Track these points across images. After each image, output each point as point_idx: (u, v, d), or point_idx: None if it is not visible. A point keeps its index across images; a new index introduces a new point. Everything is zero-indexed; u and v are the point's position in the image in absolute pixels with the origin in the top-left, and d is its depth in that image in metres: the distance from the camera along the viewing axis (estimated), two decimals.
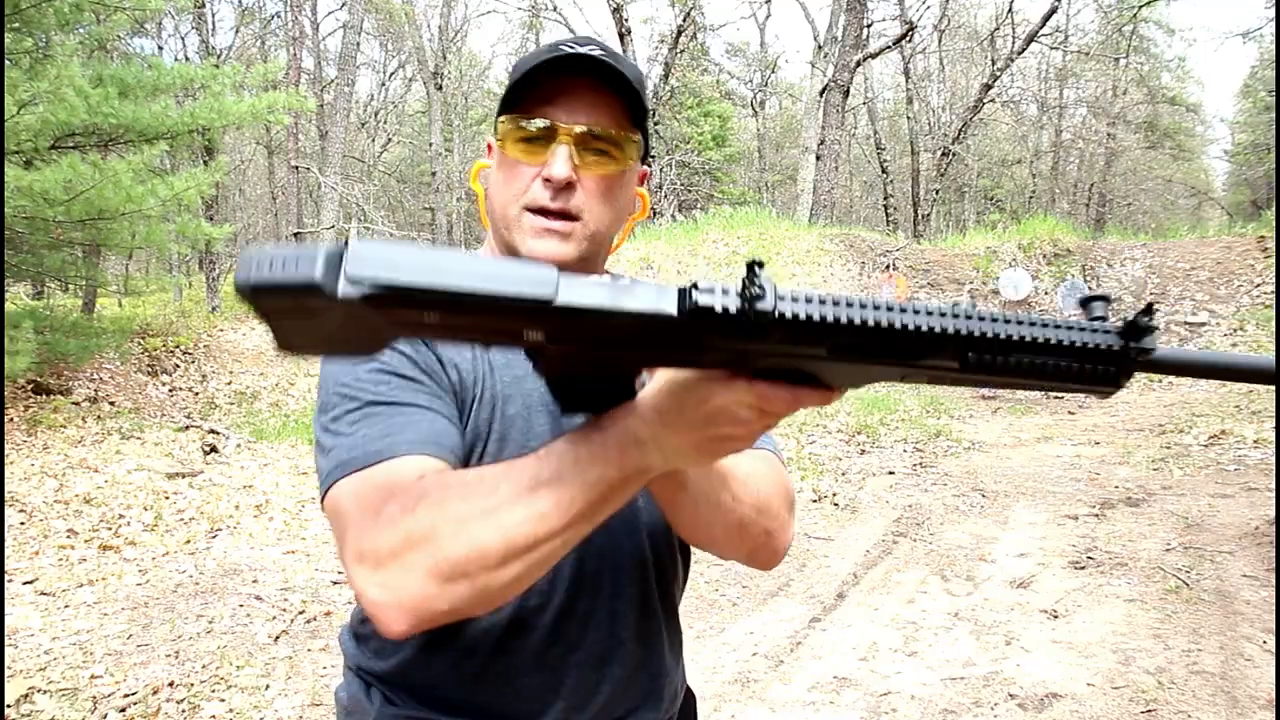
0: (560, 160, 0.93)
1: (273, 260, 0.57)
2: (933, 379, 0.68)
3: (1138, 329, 0.66)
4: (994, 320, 0.65)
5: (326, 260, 0.56)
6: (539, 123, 0.95)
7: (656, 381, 0.71)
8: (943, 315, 0.65)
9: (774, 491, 0.96)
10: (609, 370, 0.71)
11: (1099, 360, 0.67)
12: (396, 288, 0.57)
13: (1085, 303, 0.68)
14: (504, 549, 0.72)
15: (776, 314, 0.61)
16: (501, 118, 0.98)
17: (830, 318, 0.63)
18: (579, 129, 0.94)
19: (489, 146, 1.03)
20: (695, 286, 0.61)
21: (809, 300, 0.62)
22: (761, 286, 0.60)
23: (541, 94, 0.95)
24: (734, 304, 0.61)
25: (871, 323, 0.63)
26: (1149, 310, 0.66)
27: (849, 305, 0.63)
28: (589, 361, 0.68)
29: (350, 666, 1.06)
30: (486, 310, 0.61)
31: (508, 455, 0.93)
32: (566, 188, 0.95)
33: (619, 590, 1.02)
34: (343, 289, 0.56)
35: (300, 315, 0.59)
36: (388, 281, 0.57)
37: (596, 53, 0.93)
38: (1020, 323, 0.66)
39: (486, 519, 0.72)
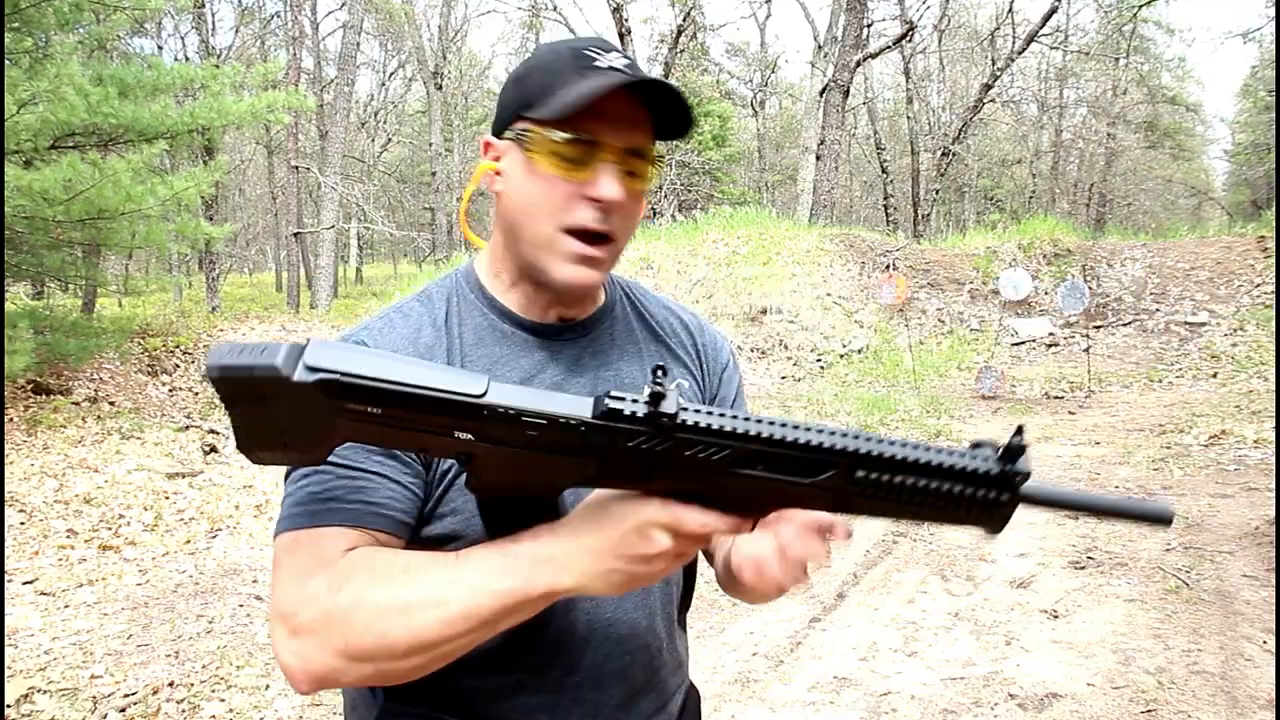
0: (613, 182, 0.91)
1: (242, 350, 0.65)
2: (824, 505, 0.74)
3: (1012, 451, 0.72)
4: (880, 441, 0.72)
5: (288, 352, 0.65)
6: (584, 138, 0.90)
7: (579, 505, 0.78)
8: (833, 434, 0.72)
9: None
10: (533, 491, 0.77)
11: (980, 483, 0.72)
12: (346, 374, 0.66)
13: (974, 445, 0.74)
14: (409, 645, 0.77)
15: (679, 418, 0.69)
16: (534, 127, 0.92)
17: (726, 427, 0.70)
18: (624, 146, 0.91)
19: (485, 145, 0.98)
20: (610, 395, 0.70)
21: (709, 412, 0.71)
22: (666, 390, 0.68)
23: (585, 106, 0.90)
24: (641, 409, 0.69)
25: (765, 434, 0.71)
26: (1020, 432, 0.72)
27: (746, 419, 0.71)
28: (515, 478, 0.75)
29: None
30: (423, 405, 0.68)
31: None
32: (613, 209, 0.92)
33: (621, 615, 1.01)
34: (299, 374, 0.64)
35: (260, 400, 0.67)
36: (340, 369, 0.65)
37: (623, 63, 0.92)
38: (905, 445, 0.73)
39: (397, 616, 0.76)
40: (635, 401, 0.70)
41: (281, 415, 0.68)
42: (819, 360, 11.52)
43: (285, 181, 20.06)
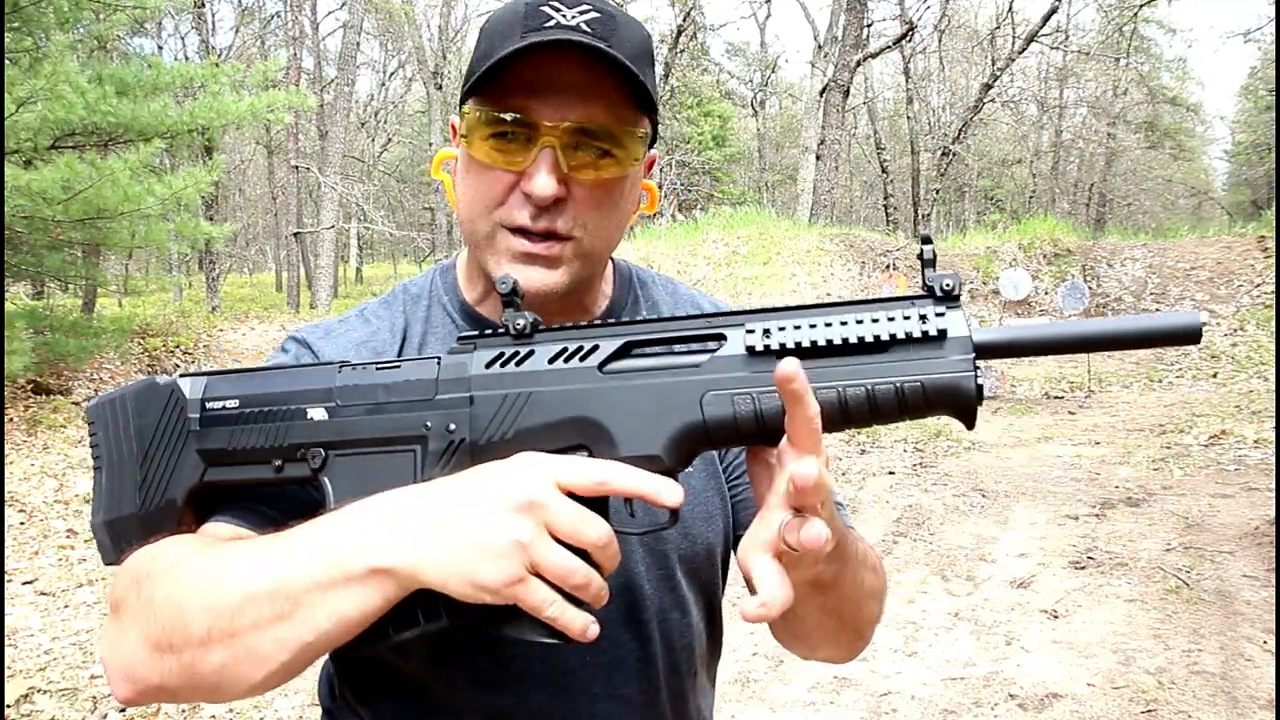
0: (543, 173, 0.74)
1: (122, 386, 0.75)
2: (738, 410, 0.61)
3: (924, 259, 0.60)
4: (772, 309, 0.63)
5: (163, 376, 0.74)
6: (514, 117, 0.74)
7: None
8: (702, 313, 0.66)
9: (883, 581, 0.85)
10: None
11: (907, 302, 0.60)
12: (211, 371, 0.73)
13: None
14: (206, 629, 0.61)
15: (534, 325, 0.66)
16: (467, 104, 0.78)
17: (589, 323, 0.66)
18: (567, 125, 0.74)
19: (453, 129, 0.82)
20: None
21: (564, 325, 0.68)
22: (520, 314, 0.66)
23: (519, 76, 0.74)
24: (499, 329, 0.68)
25: (628, 319, 0.67)
26: (927, 240, 0.60)
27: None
28: (370, 471, 0.68)
29: (326, 708, 0.96)
30: (277, 380, 0.71)
31: None
32: (553, 204, 0.76)
33: (611, 691, 0.84)
34: (164, 380, 0.73)
35: (129, 422, 0.73)
36: (208, 370, 0.74)
37: (588, 17, 0.74)
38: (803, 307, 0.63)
39: (199, 586, 0.63)
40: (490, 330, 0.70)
41: (143, 434, 0.72)
42: None
43: (285, 181, 20.05)
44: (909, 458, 7.18)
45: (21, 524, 5.21)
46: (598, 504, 0.61)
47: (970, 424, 0.59)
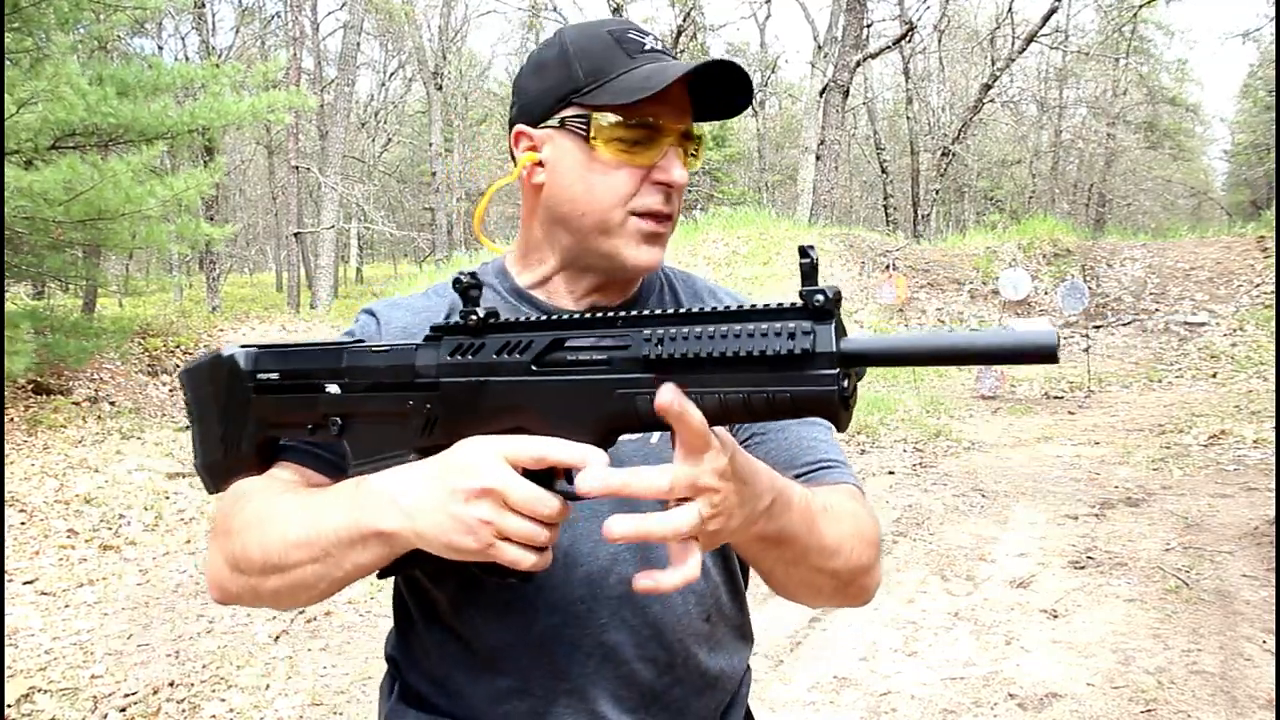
0: (678, 164, 0.93)
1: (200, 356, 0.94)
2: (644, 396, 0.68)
3: (803, 271, 0.65)
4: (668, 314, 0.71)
5: (229, 349, 0.92)
6: (649, 124, 0.91)
7: None
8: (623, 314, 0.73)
9: (863, 531, 0.90)
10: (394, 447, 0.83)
11: (785, 316, 0.65)
12: (260, 345, 0.90)
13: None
14: (262, 562, 0.81)
15: (489, 317, 0.78)
16: (593, 112, 0.91)
17: (525, 319, 0.77)
18: (681, 128, 0.94)
19: (518, 136, 0.97)
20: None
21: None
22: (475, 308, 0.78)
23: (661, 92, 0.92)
24: (459, 321, 0.79)
25: (558, 318, 0.75)
26: (803, 253, 0.65)
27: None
28: (376, 435, 0.83)
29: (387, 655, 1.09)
30: (304, 357, 0.88)
31: None
32: (677, 190, 0.95)
33: (620, 623, 0.94)
34: (227, 351, 0.91)
35: (207, 385, 0.93)
36: (257, 343, 0.90)
37: (661, 44, 0.95)
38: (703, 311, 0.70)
39: (258, 527, 0.82)
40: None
41: (220, 396, 0.91)
42: None
43: (285, 181, 20.05)
44: (909, 458, 7.18)
45: (22, 524, 5.21)
46: (543, 474, 0.72)
47: (839, 427, 0.66)
